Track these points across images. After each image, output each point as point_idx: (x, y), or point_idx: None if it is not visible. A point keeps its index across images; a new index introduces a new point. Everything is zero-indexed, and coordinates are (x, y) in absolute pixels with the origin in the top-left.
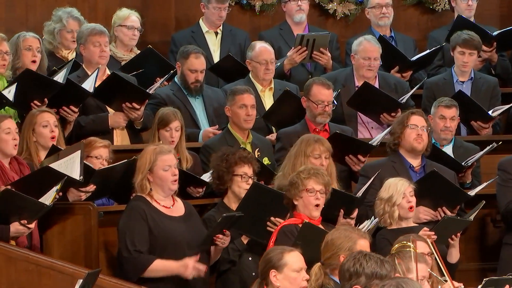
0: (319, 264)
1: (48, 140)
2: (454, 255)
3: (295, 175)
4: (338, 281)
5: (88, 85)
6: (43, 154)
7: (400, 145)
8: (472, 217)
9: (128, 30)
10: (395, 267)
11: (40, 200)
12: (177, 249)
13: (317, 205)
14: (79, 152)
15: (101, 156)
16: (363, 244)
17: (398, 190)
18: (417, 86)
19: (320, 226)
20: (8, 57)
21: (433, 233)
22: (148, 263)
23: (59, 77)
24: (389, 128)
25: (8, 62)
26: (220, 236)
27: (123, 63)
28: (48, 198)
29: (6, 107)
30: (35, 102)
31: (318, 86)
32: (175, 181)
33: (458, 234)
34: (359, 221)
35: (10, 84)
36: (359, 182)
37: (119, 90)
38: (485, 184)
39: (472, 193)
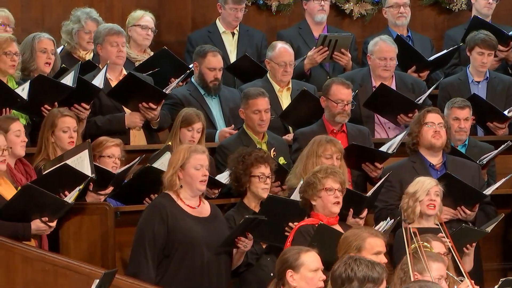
0: None
1: (66, 145)
2: (468, 264)
3: (312, 175)
4: None
5: (98, 81)
6: None
7: (419, 144)
8: (489, 229)
9: (142, 29)
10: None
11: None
12: (195, 249)
13: (337, 202)
14: (86, 151)
15: (113, 155)
16: (374, 243)
17: (424, 187)
18: (433, 86)
19: (337, 226)
20: (18, 58)
21: (449, 240)
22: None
23: (68, 79)
24: (404, 133)
25: (17, 63)
26: (242, 239)
27: (136, 63)
28: (70, 198)
29: (16, 112)
30: (46, 106)
31: (337, 85)
32: (204, 181)
33: (474, 244)
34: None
35: (23, 82)
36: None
37: (135, 90)
38: (500, 182)
39: (488, 192)
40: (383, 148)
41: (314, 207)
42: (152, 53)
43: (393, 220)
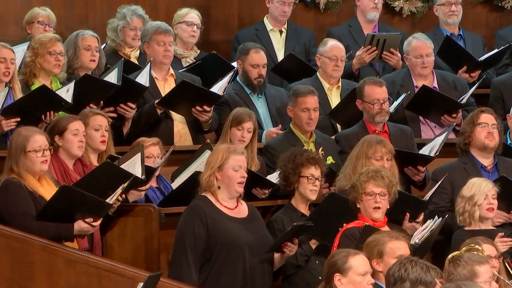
0: None
1: (98, 144)
2: None
3: (356, 178)
4: (382, 285)
5: (143, 79)
6: (93, 157)
7: (471, 144)
8: None
9: (187, 26)
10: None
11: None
12: (236, 250)
13: (377, 208)
14: (139, 154)
15: (152, 154)
16: (395, 246)
17: (481, 190)
18: (476, 85)
19: (386, 227)
20: (63, 58)
21: (510, 239)
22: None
23: (111, 77)
24: (445, 134)
25: (63, 63)
26: (289, 244)
27: (183, 60)
28: (111, 198)
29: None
30: (91, 105)
31: (370, 86)
32: (242, 183)
33: None
34: None
35: (67, 82)
36: (431, 186)
37: (188, 96)
38: None
39: None
40: (424, 151)
41: (360, 210)
42: (199, 51)
43: (441, 218)
